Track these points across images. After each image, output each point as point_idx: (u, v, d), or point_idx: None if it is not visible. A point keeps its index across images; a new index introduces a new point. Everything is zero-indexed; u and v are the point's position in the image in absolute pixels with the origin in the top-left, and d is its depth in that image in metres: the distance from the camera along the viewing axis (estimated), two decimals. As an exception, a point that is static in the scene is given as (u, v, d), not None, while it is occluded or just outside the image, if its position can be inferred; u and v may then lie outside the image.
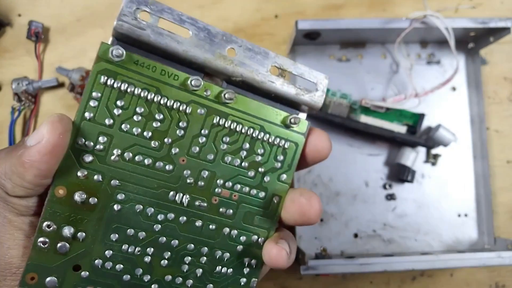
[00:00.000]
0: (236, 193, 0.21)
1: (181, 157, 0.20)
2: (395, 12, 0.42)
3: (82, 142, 0.19)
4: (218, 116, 0.20)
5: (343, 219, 0.39)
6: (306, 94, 0.21)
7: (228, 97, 0.20)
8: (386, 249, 0.39)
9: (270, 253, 0.21)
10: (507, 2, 0.43)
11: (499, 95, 0.42)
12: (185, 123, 0.20)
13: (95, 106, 0.19)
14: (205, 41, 0.19)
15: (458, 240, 0.40)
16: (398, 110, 0.38)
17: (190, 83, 0.19)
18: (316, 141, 0.22)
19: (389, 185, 0.40)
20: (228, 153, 0.21)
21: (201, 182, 0.21)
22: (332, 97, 0.38)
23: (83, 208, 0.19)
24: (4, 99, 0.39)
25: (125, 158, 0.19)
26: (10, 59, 0.39)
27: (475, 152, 0.40)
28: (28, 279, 0.19)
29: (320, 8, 0.42)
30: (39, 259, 0.19)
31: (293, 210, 0.21)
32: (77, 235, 0.19)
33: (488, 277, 0.40)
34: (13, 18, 0.39)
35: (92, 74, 0.18)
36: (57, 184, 0.18)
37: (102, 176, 0.19)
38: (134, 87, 0.19)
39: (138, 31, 0.18)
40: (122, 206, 0.20)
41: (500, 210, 0.41)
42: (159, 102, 0.19)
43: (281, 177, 0.22)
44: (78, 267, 0.19)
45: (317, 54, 0.40)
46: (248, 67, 0.20)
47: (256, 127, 0.21)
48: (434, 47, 0.41)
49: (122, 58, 0.18)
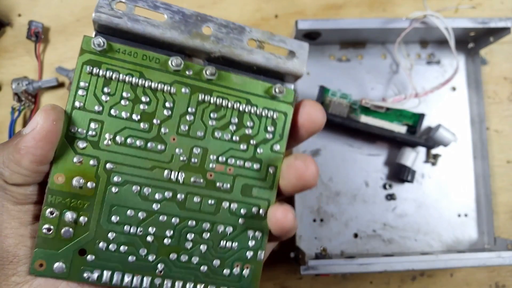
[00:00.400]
0: (231, 166, 0.22)
1: (171, 135, 0.21)
2: (395, 12, 0.42)
3: (75, 130, 0.19)
4: (202, 93, 0.21)
5: (343, 219, 0.39)
6: (288, 62, 0.21)
7: (209, 73, 0.21)
8: (386, 249, 0.39)
9: (275, 215, 0.21)
10: (507, 2, 0.43)
11: (499, 95, 0.42)
12: (171, 103, 0.21)
13: (83, 95, 0.20)
14: (180, 22, 0.20)
15: (458, 240, 0.40)
16: (398, 110, 0.38)
17: (171, 63, 0.20)
18: (309, 111, 0.22)
19: (389, 185, 0.40)
20: (217, 128, 0.21)
21: (194, 159, 0.21)
22: (332, 97, 0.38)
23: (82, 193, 0.20)
24: (4, 99, 0.39)
25: (117, 142, 0.20)
26: (10, 59, 0.39)
27: (475, 152, 0.41)
28: (37, 266, 0.19)
29: (320, 8, 0.42)
30: (45, 245, 0.19)
31: (290, 175, 0.21)
32: (79, 219, 0.20)
33: (488, 277, 0.40)
34: (13, 18, 0.39)
35: (78, 65, 0.19)
36: (56, 172, 0.19)
37: (97, 161, 0.20)
38: (118, 73, 0.20)
39: (116, 20, 0.19)
40: (119, 188, 0.20)
41: (500, 210, 0.41)
42: (144, 85, 0.20)
43: (274, 148, 0.22)
44: (83, 251, 0.20)
45: (317, 54, 0.40)
46: (226, 42, 0.21)
47: (242, 100, 0.22)
48: (434, 47, 0.41)
49: (103, 47, 0.19)
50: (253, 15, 0.41)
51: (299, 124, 0.22)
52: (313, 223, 0.39)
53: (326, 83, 0.39)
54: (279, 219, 0.20)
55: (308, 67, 0.40)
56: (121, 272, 0.20)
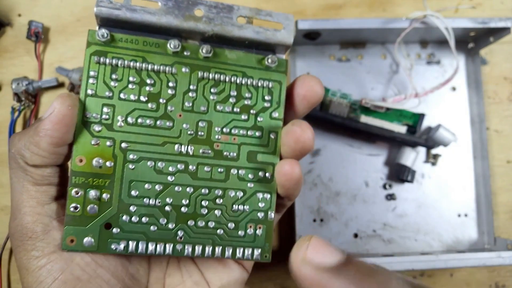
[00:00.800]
0: (235, 136, 0.23)
1: (178, 112, 0.22)
2: (395, 12, 0.42)
3: (90, 115, 0.21)
4: (201, 71, 0.23)
5: (343, 219, 0.39)
6: (276, 33, 0.23)
7: (205, 51, 0.22)
8: (386, 249, 0.39)
9: (283, 168, 0.22)
10: (507, 2, 0.43)
11: (499, 95, 0.42)
12: (174, 83, 0.22)
13: (94, 83, 0.21)
14: (173, 8, 0.21)
15: (458, 240, 0.40)
16: (398, 110, 0.38)
17: (170, 46, 0.22)
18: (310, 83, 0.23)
19: (389, 185, 0.40)
20: (218, 102, 0.23)
21: (201, 132, 0.23)
22: (332, 97, 0.38)
23: (102, 172, 0.21)
24: (4, 99, 0.39)
25: (129, 122, 0.22)
26: (10, 59, 0.39)
27: (475, 152, 0.41)
28: (68, 241, 0.21)
29: (320, 8, 0.42)
30: (74, 222, 0.21)
31: (288, 140, 0.23)
32: (102, 196, 0.21)
33: (488, 277, 0.40)
34: (13, 18, 0.40)
35: (86, 57, 0.21)
36: (77, 155, 0.21)
37: (113, 141, 0.22)
38: (123, 60, 0.22)
39: (115, 12, 0.21)
40: (136, 164, 0.22)
41: (500, 210, 0.41)
42: (147, 69, 0.22)
43: (273, 115, 0.24)
44: (109, 225, 0.22)
45: (317, 54, 0.40)
46: (217, 21, 0.22)
47: (239, 74, 0.23)
48: (434, 47, 0.41)
49: (107, 38, 0.21)
50: (253, 15, 0.41)
51: (300, 96, 0.23)
52: (313, 223, 0.39)
53: (326, 83, 0.39)
54: (287, 171, 0.22)
55: (308, 67, 0.40)
56: (145, 242, 0.22)
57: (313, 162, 0.40)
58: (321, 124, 0.40)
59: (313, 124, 0.39)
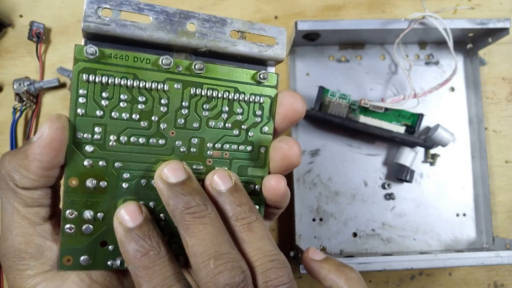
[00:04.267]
0: (226, 151, 0.23)
1: (170, 130, 0.22)
2: (394, 13, 0.42)
3: (81, 136, 0.21)
4: (193, 87, 0.22)
5: (343, 219, 0.39)
6: (269, 49, 0.23)
7: (198, 67, 0.22)
8: (385, 248, 0.39)
9: (270, 182, 0.23)
10: (505, 2, 0.43)
11: (498, 95, 0.42)
12: (166, 100, 0.22)
13: (84, 102, 0.20)
14: (165, 22, 0.21)
15: (457, 239, 0.40)
16: (397, 110, 0.38)
17: (162, 62, 0.21)
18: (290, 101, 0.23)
19: (388, 184, 0.40)
20: (210, 118, 0.23)
21: (193, 149, 0.23)
22: (332, 98, 0.38)
23: (96, 192, 0.21)
24: (5, 100, 0.39)
25: (122, 142, 0.21)
26: (11, 59, 0.39)
27: (473, 152, 0.41)
28: (65, 261, 0.21)
29: (320, 9, 0.42)
30: (69, 243, 0.21)
31: (276, 156, 0.23)
32: (97, 215, 0.21)
33: (486, 276, 0.41)
34: (14, 18, 0.40)
35: (74, 74, 0.20)
36: (69, 176, 0.21)
37: (106, 161, 0.21)
38: (113, 78, 0.21)
39: (105, 27, 0.20)
40: (129, 183, 0.22)
41: (499, 209, 0.41)
42: (139, 86, 0.21)
43: (263, 129, 0.24)
44: (104, 243, 0.22)
45: (317, 55, 0.41)
46: (210, 36, 0.22)
47: (231, 89, 0.23)
48: (433, 48, 0.41)
49: (96, 55, 0.20)
50: (253, 16, 0.42)
51: (281, 115, 0.24)
52: (312, 222, 0.39)
53: (326, 83, 0.39)
54: (273, 186, 0.23)
55: (307, 68, 0.40)
56: None
57: (313, 162, 0.40)
58: (320, 124, 0.40)
59: (313, 124, 0.40)
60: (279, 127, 0.24)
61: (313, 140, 0.40)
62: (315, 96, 0.38)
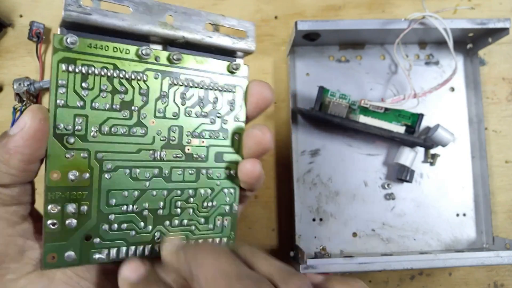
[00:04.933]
0: (204, 139, 0.24)
1: (150, 119, 0.23)
2: (394, 13, 0.42)
3: (62, 127, 0.20)
4: (171, 77, 0.23)
5: (342, 219, 0.39)
6: (241, 42, 0.24)
7: (176, 58, 0.23)
8: (385, 248, 0.39)
9: (246, 166, 0.24)
10: (505, 2, 0.43)
11: (498, 95, 0.42)
12: (146, 90, 0.22)
13: (64, 93, 0.20)
14: (145, 13, 0.21)
15: (457, 239, 0.40)
16: (397, 110, 0.38)
17: (141, 53, 0.22)
18: (260, 90, 0.25)
19: (388, 184, 0.40)
20: (188, 107, 0.24)
21: (172, 137, 0.23)
22: (332, 98, 0.38)
23: (79, 184, 0.21)
24: (5, 100, 0.39)
25: (103, 132, 0.21)
26: (11, 59, 0.39)
27: (473, 152, 0.41)
28: (49, 259, 0.20)
29: (320, 9, 0.42)
30: (53, 239, 0.20)
31: (250, 142, 0.24)
32: (80, 209, 0.21)
33: (486, 276, 0.41)
34: (14, 18, 0.40)
35: (53, 64, 0.20)
36: (50, 169, 0.20)
37: (88, 153, 0.21)
38: (94, 68, 0.21)
39: (86, 17, 0.20)
40: (112, 174, 0.22)
41: (499, 209, 0.41)
42: (119, 76, 0.21)
43: (237, 117, 0.25)
44: (89, 236, 0.21)
45: (317, 55, 0.41)
46: (187, 28, 0.23)
47: (206, 79, 0.24)
48: (433, 48, 0.41)
49: (76, 45, 0.20)
50: (253, 16, 0.42)
51: (253, 103, 0.25)
52: (312, 222, 0.39)
53: (326, 83, 0.39)
54: (249, 169, 0.24)
55: (307, 68, 0.40)
56: (125, 247, 0.22)
57: (313, 162, 0.40)
58: (320, 124, 0.40)
59: (313, 124, 0.40)
60: (250, 115, 0.25)
61: (313, 140, 0.40)
62: (315, 96, 0.38)
